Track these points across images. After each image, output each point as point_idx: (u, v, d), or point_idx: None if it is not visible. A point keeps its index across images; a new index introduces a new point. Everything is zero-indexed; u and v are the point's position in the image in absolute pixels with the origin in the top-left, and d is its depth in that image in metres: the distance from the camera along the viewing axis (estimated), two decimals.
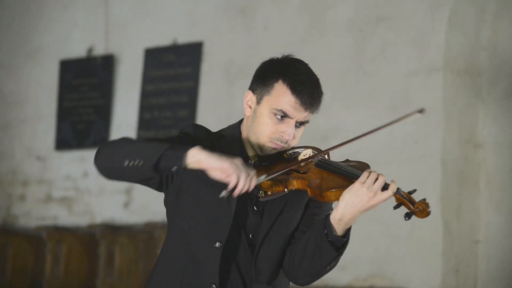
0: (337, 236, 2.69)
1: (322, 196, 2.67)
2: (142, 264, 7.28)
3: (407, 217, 2.65)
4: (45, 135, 8.35)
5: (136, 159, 2.58)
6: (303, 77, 2.78)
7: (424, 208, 2.62)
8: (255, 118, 2.79)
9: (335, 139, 6.24)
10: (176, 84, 7.64)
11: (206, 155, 2.59)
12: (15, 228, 8.33)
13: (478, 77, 6.41)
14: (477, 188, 6.33)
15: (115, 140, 2.67)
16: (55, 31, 8.38)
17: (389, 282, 6.31)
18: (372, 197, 2.63)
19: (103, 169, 2.67)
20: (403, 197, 2.64)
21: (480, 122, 6.38)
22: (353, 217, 2.66)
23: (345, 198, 2.64)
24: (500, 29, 6.36)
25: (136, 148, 2.61)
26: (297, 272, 2.76)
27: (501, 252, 6.26)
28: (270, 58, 2.86)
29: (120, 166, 2.61)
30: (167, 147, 2.59)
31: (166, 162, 2.58)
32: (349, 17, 6.70)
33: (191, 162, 2.59)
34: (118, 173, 2.65)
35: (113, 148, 2.65)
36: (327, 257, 2.70)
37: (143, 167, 2.58)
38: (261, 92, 2.79)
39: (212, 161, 2.58)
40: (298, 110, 2.76)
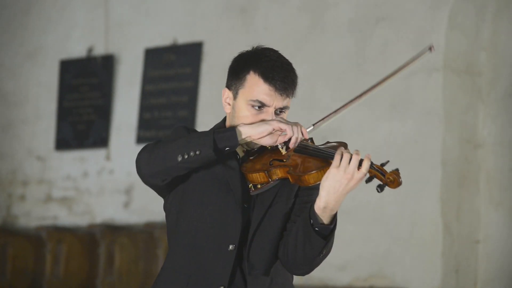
0: (324, 224, 2.68)
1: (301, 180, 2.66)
2: (142, 264, 7.28)
3: (379, 188, 2.59)
4: (45, 135, 8.35)
5: (190, 151, 2.64)
6: (273, 63, 2.77)
7: (395, 178, 2.58)
8: (235, 113, 2.80)
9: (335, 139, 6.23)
10: (176, 84, 7.64)
11: (250, 128, 2.68)
12: (15, 228, 8.33)
13: (478, 77, 6.41)
14: (477, 188, 6.33)
15: (151, 145, 2.73)
16: (55, 31, 8.38)
17: (389, 282, 6.31)
18: (350, 179, 2.61)
19: (153, 172, 2.71)
20: (375, 169, 2.61)
21: (480, 122, 6.38)
22: (336, 202, 2.64)
23: (325, 186, 2.62)
24: (500, 29, 6.37)
25: (181, 144, 2.67)
26: (293, 263, 2.76)
27: (501, 252, 6.26)
28: (240, 52, 2.87)
29: (174, 163, 2.66)
30: (212, 132, 2.66)
31: (222, 143, 2.66)
32: (349, 17, 6.70)
33: (243, 139, 2.68)
34: (171, 170, 2.69)
35: (156, 151, 2.70)
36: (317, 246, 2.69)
37: (201, 155, 2.64)
38: (235, 87, 2.81)
39: (260, 129, 2.68)
40: (274, 97, 2.76)
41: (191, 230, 2.77)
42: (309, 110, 6.48)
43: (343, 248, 6.37)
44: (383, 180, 2.60)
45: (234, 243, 2.73)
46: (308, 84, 6.51)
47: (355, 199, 6.22)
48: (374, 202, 6.31)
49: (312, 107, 6.54)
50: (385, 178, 2.59)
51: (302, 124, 2.79)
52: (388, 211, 6.32)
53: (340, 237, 6.36)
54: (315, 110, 6.57)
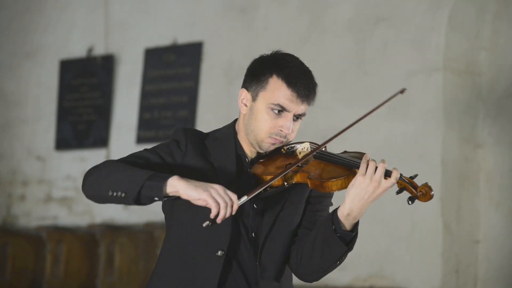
0: (346, 230, 2.69)
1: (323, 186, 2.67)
2: (142, 264, 7.28)
3: (410, 201, 2.65)
4: (45, 135, 8.35)
5: (118, 190, 2.63)
6: (296, 70, 2.79)
7: (427, 191, 2.63)
8: (252, 115, 2.79)
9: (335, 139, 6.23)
10: (176, 84, 7.64)
11: (184, 185, 2.59)
12: (15, 228, 8.33)
13: (478, 77, 6.41)
14: (477, 188, 6.33)
15: (100, 167, 2.71)
16: (55, 31, 8.38)
17: (389, 282, 6.31)
18: (377, 187, 2.63)
19: (91, 197, 2.73)
20: (405, 182, 2.65)
21: (480, 122, 6.38)
22: (361, 209, 2.66)
23: (350, 193, 2.64)
24: (500, 29, 6.37)
25: (118, 178, 2.64)
26: (306, 269, 2.77)
27: (501, 252, 6.26)
28: (260, 55, 2.86)
29: (105, 195, 2.66)
30: (147, 177, 2.60)
31: (147, 192, 2.61)
32: (349, 17, 6.70)
33: (170, 192, 2.60)
34: (105, 200, 2.70)
35: (96, 177, 2.69)
36: (337, 252, 2.70)
37: (125, 199, 2.62)
38: (256, 88, 2.80)
39: (190, 191, 2.58)
40: (295, 103, 2.78)
41: (182, 235, 2.77)
42: (309, 110, 6.47)
43: None
44: (413, 193, 2.65)
45: (223, 249, 2.72)
46: None
47: None
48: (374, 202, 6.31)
49: (312, 107, 6.54)
50: (417, 191, 2.64)
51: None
52: (388, 211, 6.31)
53: None
54: (315, 110, 6.56)
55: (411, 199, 2.64)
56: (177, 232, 2.78)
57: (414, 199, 2.64)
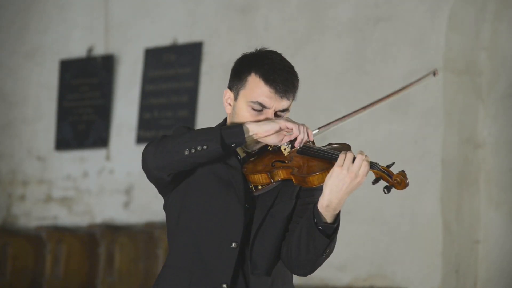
0: (327, 223, 2.69)
1: (305, 181, 2.67)
2: (142, 264, 7.28)
3: (386, 190, 2.63)
4: (45, 135, 8.35)
5: (197, 146, 2.66)
6: (274, 66, 2.78)
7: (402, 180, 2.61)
8: (235, 114, 2.81)
9: (335, 139, 6.23)
10: (176, 84, 7.64)
11: (257, 125, 2.70)
12: (15, 228, 8.33)
13: (478, 77, 6.41)
14: (477, 188, 6.34)
15: (159, 140, 2.73)
16: (55, 31, 8.38)
17: (389, 282, 6.31)
18: (354, 178, 2.62)
19: (160, 167, 2.71)
20: (381, 171, 2.64)
21: (480, 122, 6.38)
22: (340, 201, 2.65)
23: (328, 185, 2.64)
24: (500, 29, 6.37)
25: (190, 138, 2.68)
26: (296, 263, 2.77)
27: (501, 252, 6.26)
28: (243, 54, 2.87)
29: (180, 157, 2.67)
30: (220, 128, 2.68)
31: (229, 139, 2.67)
32: (349, 17, 6.70)
33: (249, 136, 2.69)
34: (178, 165, 2.70)
35: (162, 146, 2.71)
36: (321, 245, 2.70)
37: (208, 149, 2.66)
38: (237, 87, 2.82)
39: (267, 127, 2.69)
40: (274, 99, 2.77)
41: (194, 227, 2.78)
42: (309, 110, 6.48)
43: (343, 248, 6.37)
44: (389, 182, 2.63)
45: (236, 241, 2.74)
46: (308, 84, 6.51)
47: (355, 199, 6.22)
48: (374, 202, 6.31)
49: (312, 107, 6.55)
50: (392, 179, 2.62)
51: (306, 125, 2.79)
52: (388, 211, 6.32)
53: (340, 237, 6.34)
54: (315, 110, 6.57)
55: (387, 188, 2.63)
56: (188, 226, 2.78)
57: (390, 188, 2.63)
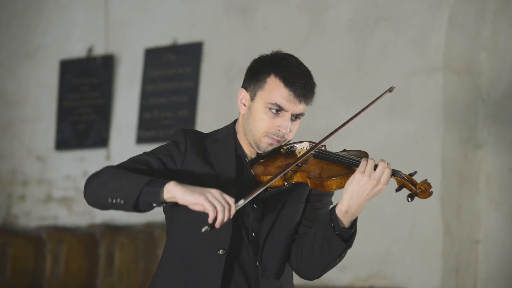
0: (344, 228, 2.69)
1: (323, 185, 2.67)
2: (142, 264, 7.28)
3: (409, 198, 2.66)
4: (45, 135, 8.35)
5: (117, 197, 2.64)
6: (294, 69, 2.80)
7: (427, 188, 2.64)
8: (250, 115, 2.80)
9: (335, 138, 6.23)
10: (176, 84, 7.64)
11: (180, 190, 2.59)
12: (15, 228, 8.33)
13: (478, 77, 6.41)
14: (477, 188, 6.33)
15: (100, 174, 2.72)
16: (55, 31, 8.38)
17: (389, 282, 6.31)
18: (375, 185, 2.63)
19: (92, 204, 2.74)
20: (404, 179, 2.66)
21: (480, 122, 6.38)
22: (359, 207, 2.66)
23: (348, 191, 2.65)
24: (500, 29, 6.37)
25: (117, 185, 2.65)
26: (306, 266, 2.77)
27: (501, 252, 6.26)
28: (260, 55, 2.87)
29: (105, 202, 2.67)
30: (145, 183, 2.60)
31: (145, 198, 2.61)
32: (349, 17, 6.70)
33: (168, 198, 2.60)
34: (106, 207, 2.70)
35: (96, 184, 2.70)
36: (336, 250, 2.70)
37: (124, 206, 2.64)
38: (254, 88, 2.81)
39: (186, 196, 2.58)
40: (293, 103, 2.78)
41: (182, 235, 2.78)
42: (309, 110, 6.47)
43: None
44: (413, 190, 2.65)
45: (224, 247, 2.73)
46: None
47: None
48: (374, 202, 6.30)
49: (312, 107, 6.54)
50: (416, 188, 2.64)
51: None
52: (388, 211, 6.32)
53: None
54: (315, 110, 6.56)
55: (410, 196, 2.66)
56: (178, 234, 2.79)
57: (413, 196, 2.65)
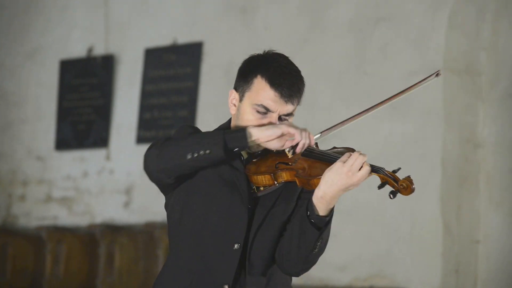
0: (320, 215, 2.69)
1: (309, 184, 2.68)
2: (142, 264, 7.28)
3: (391, 195, 2.65)
4: (45, 135, 8.35)
5: (200, 150, 2.65)
6: (281, 70, 2.78)
7: (408, 185, 2.63)
8: (239, 115, 2.81)
9: (335, 138, 6.23)
10: (176, 84, 7.64)
11: (259, 130, 2.68)
12: (15, 228, 8.33)
13: (478, 77, 6.41)
14: (477, 188, 6.33)
15: (161, 142, 2.72)
16: (55, 31, 8.38)
17: (389, 282, 6.31)
18: (350, 176, 2.64)
19: (162, 170, 2.71)
20: (387, 176, 2.65)
21: (480, 122, 6.38)
22: (334, 195, 2.66)
23: (325, 176, 2.66)
24: (500, 29, 6.36)
25: (193, 142, 2.68)
26: (287, 261, 2.77)
27: (501, 252, 6.26)
28: (251, 55, 2.87)
29: (183, 160, 2.67)
30: (223, 132, 2.67)
31: (232, 143, 2.67)
32: (349, 17, 6.70)
33: (252, 140, 2.68)
34: (178, 168, 2.70)
35: (166, 148, 2.70)
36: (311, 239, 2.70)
37: (211, 154, 2.65)
38: (242, 89, 2.82)
39: (269, 133, 2.68)
40: (279, 103, 2.77)
41: (196, 228, 2.77)
42: (309, 110, 6.48)
43: (343, 248, 6.37)
44: (395, 187, 2.64)
45: (239, 242, 2.74)
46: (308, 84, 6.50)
47: (356, 200, 6.22)
48: (374, 202, 6.31)
49: (312, 107, 6.54)
50: (398, 184, 2.64)
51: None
52: (388, 211, 6.31)
53: (340, 237, 6.36)
54: (315, 110, 6.57)
55: (392, 193, 2.65)
56: (191, 227, 2.77)
57: (395, 193, 2.64)
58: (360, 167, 2.64)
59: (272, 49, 2.86)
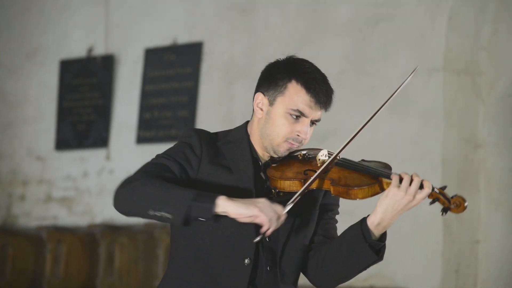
0: (375, 240, 2.70)
1: (349, 194, 2.68)
2: (142, 264, 7.28)
3: (443, 212, 2.69)
4: (45, 135, 8.35)
5: (162, 211, 2.58)
6: (314, 75, 2.80)
7: (461, 203, 2.67)
8: (269, 120, 2.77)
9: (335, 139, 6.24)
10: (176, 84, 7.64)
11: (233, 204, 2.57)
12: (15, 228, 8.33)
13: (478, 77, 6.41)
14: (477, 188, 6.33)
15: (133, 182, 2.65)
16: (55, 31, 8.38)
17: (389, 282, 6.31)
18: (411, 200, 2.65)
19: (125, 212, 2.67)
20: (438, 193, 2.68)
21: (480, 122, 6.38)
22: (391, 220, 2.69)
23: (383, 204, 2.67)
24: (500, 29, 6.37)
25: (159, 197, 2.60)
26: (326, 275, 2.77)
27: (501, 252, 6.26)
28: (276, 60, 2.84)
29: (144, 213, 2.61)
30: (193, 197, 2.57)
31: (195, 213, 2.57)
32: (349, 17, 6.70)
33: (219, 213, 2.58)
34: (143, 217, 2.65)
35: (131, 193, 2.63)
36: (366, 261, 2.71)
37: (171, 220, 2.59)
38: (273, 93, 2.78)
39: (240, 210, 2.57)
40: (313, 109, 2.76)
41: (205, 242, 2.73)
42: None
43: None
44: (446, 204, 2.68)
45: (249, 256, 2.71)
46: None
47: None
48: (374, 202, 6.30)
49: None
50: (450, 203, 2.68)
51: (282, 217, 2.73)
52: None
53: None
54: None
55: (444, 210, 2.68)
56: (197, 242, 2.73)
57: (447, 210, 2.68)
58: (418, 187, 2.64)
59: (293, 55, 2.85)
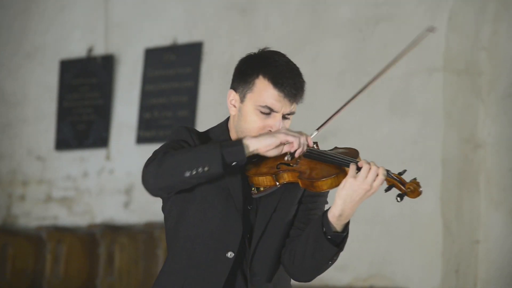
0: (337, 232, 2.68)
1: (314, 186, 2.66)
2: (142, 264, 7.28)
3: (399, 198, 2.64)
4: (45, 135, 8.35)
5: (198, 167, 2.61)
6: (282, 69, 2.75)
7: (416, 188, 2.62)
8: (241, 116, 2.78)
9: (335, 139, 6.24)
10: (176, 84, 7.64)
11: (257, 141, 2.65)
12: (15, 228, 8.33)
13: (478, 77, 6.41)
14: (477, 188, 6.33)
15: (157, 160, 2.66)
16: (55, 31, 8.38)
17: (389, 282, 6.31)
18: (368, 190, 2.62)
19: (162, 188, 2.68)
20: (394, 179, 2.64)
21: (480, 122, 6.38)
22: (351, 210, 2.66)
23: (341, 195, 2.63)
24: (500, 29, 6.37)
25: (190, 157, 2.63)
26: (299, 270, 2.76)
27: (501, 252, 6.26)
28: (248, 54, 2.83)
29: (181, 178, 2.63)
30: (219, 146, 2.62)
31: (230, 158, 2.62)
32: (349, 17, 6.70)
33: (250, 152, 2.64)
34: (179, 185, 2.67)
35: (163, 165, 2.65)
36: (328, 254, 2.69)
37: (210, 171, 2.61)
38: (243, 90, 2.78)
39: (268, 142, 2.65)
40: (283, 103, 2.74)
41: (191, 235, 2.75)
42: (309, 110, 6.47)
43: None
44: (402, 190, 2.63)
45: (233, 250, 2.72)
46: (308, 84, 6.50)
47: None
48: (374, 202, 6.30)
49: (312, 107, 6.54)
50: (405, 188, 2.63)
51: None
52: (388, 211, 6.31)
53: None
54: (315, 110, 6.56)
55: (400, 196, 2.64)
56: (186, 233, 2.76)
57: (403, 196, 2.63)
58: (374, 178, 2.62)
59: (267, 47, 2.83)
